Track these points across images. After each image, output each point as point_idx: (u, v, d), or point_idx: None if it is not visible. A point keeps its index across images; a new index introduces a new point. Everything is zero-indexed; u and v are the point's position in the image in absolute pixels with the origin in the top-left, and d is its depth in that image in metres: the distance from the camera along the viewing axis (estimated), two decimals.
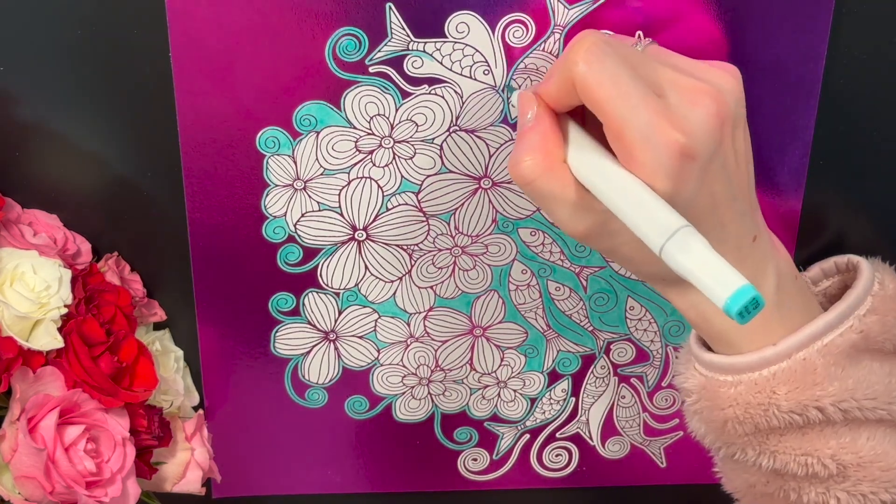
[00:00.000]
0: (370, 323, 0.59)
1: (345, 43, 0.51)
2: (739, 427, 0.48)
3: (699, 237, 0.38)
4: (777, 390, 0.46)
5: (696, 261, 0.38)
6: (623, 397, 0.62)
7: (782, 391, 0.46)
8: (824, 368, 0.46)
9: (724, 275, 0.37)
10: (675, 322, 0.60)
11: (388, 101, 0.53)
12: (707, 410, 0.49)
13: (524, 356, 0.61)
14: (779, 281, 0.47)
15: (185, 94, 0.52)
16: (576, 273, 0.58)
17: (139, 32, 0.51)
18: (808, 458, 0.48)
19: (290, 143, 0.54)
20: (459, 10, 0.50)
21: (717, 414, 0.48)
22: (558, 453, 0.64)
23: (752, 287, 0.37)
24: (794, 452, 0.48)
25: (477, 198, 0.56)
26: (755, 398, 0.47)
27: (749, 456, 0.49)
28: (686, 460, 0.64)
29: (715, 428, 0.49)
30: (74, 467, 0.48)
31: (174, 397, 0.58)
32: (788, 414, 0.47)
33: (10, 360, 0.47)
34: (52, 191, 0.55)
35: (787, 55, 0.52)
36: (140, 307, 0.58)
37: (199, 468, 0.56)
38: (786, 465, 0.48)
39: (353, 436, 0.63)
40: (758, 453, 0.49)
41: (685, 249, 0.38)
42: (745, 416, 0.47)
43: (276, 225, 0.56)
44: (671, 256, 0.38)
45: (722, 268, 0.37)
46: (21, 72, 0.52)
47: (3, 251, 0.50)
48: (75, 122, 0.53)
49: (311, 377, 0.61)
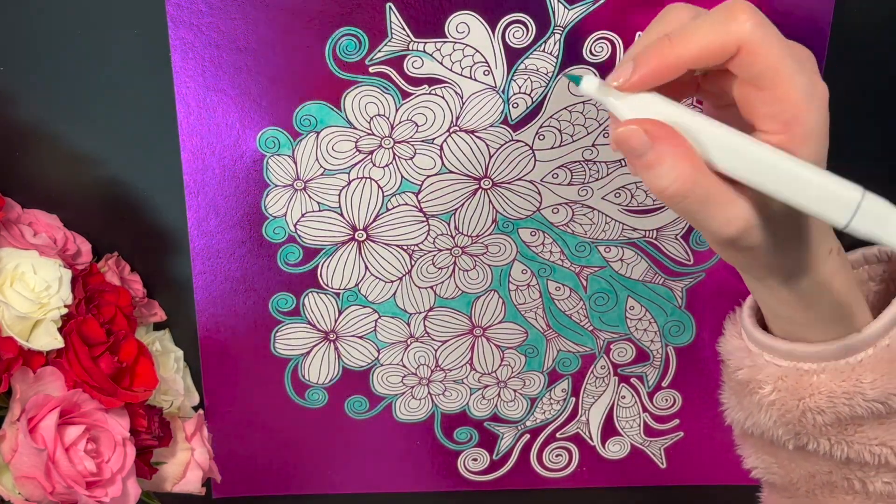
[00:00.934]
0: (370, 323, 0.59)
1: (345, 43, 0.51)
2: (819, 417, 0.46)
3: (877, 200, 0.37)
4: (863, 379, 0.45)
5: (890, 226, 0.37)
6: (623, 397, 0.62)
7: (868, 379, 0.45)
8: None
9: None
10: (674, 322, 0.60)
11: (388, 102, 0.53)
12: (783, 400, 0.47)
13: (524, 356, 0.61)
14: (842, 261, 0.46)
15: (184, 94, 0.52)
16: (576, 273, 0.58)
17: (139, 32, 0.51)
18: (882, 448, 0.47)
19: (290, 143, 0.54)
20: (459, 11, 0.50)
21: (794, 404, 0.47)
22: (558, 453, 0.64)
23: None
24: (871, 442, 0.47)
25: (477, 198, 0.56)
26: (840, 387, 0.45)
27: (822, 446, 0.48)
28: (686, 461, 0.64)
29: (790, 419, 0.47)
30: (75, 467, 0.48)
31: (174, 397, 0.58)
32: (872, 403, 0.45)
33: (10, 360, 0.47)
34: (52, 191, 0.55)
35: None
36: (140, 307, 0.58)
37: (199, 468, 0.56)
38: (859, 455, 0.47)
39: (353, 436, 0.63)
40: (833, 444, 0.47)
41: (874, 217, 0.37)
42: (827, 405, 0.46)
43: (276, 225, 0.56)
44: (863, 229, 0.37)
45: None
46: (21, 72, 0.52)
47: (4, 251, 0.50)
48: (75, 122, 0.54)
49: (311, 377, 0.61)
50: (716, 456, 0.64)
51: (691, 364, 0.61)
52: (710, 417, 0.63)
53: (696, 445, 0.64)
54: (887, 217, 0.37)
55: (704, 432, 0.63)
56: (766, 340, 0.48)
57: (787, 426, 0.48)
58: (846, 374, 0.45)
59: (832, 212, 0.37)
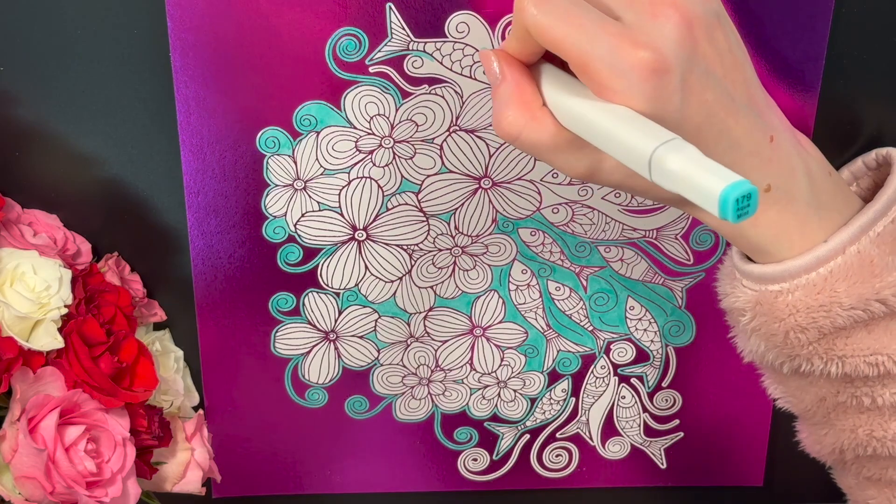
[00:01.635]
0: (370, 323, 0.59)
1: (345, 43, 0.51)
2: (803, 335, 0.46)
3: (686, 147, 0.36)
4: (836, 288, 0.44)
5: (680, 171, 0.35)
6: (623, 397, 0.62)
7: (842, 287, 0.44)
8: (880, 258, 0.44)
9: (712, 176, 0.34)
10: (674, 322, 0.60)
11: (388, 101, 0.53)
12: (765, 325, 0.47)
13: (524, 356, 0.61)
14: (811, 180, 0.45)
15: (185, 94, 0.52)
16: (576, 273, 0.58)
17: (139, 32, 0.51)
18: (877, 357, 0.46)
19: (290, 143, 0.54)
20: (459, 10, 0.50)
21: (776, 326, 0.46)
22: (558, 453, 0.64)
23: (745, 181, 0.34)
24: (863, 353, 0.46)
25: (477, 198, 0.56)
26: (815, 300, 0.45)
27: (816, 366, 0.47)
28: (686, 461, 0.64)
29: (776, 342, 0.47)
30: (75, 467, 0.48)
31: (174, 397, 0.58)
32: (851, 311, 0.45)
33: (10, 361, 0.47)
34: (52, 191, 0.55)
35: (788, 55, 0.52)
36: (140, 307, 0.58)
37: (199, 468, 0.56)
38: (856, 369, 0.46)
39: (353, 436, 0.63)
40: (825, 361, 0.47)
41: (669, 163, 0.36)
42: (807, 321, 0.45)
43: (276, 225, 0.56)
44: (658, 175, 0.36)
45: (709, 169, 0.35)
46: (21, 72, 0.52)
47: (3, 251, 0.50)
48: (75, 122, 0.54)
49: (311, 377, 0.61)
50: (716, 456, 0.64)
51: (691, 364, 0.61)
52: (710, 417, 0.63)
53: (696, 445, 0.64)
54: (684, 172, 0.35)
55: (704, 432, 0.63)
56: (740, 265, 0.47)
57: (776, 350, 0.48)
58: (819, 286, 0.45)
59: (641, 168, 0.37)
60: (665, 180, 0.36)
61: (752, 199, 0.34)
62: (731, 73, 0.43)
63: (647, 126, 0.38)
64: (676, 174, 0.35)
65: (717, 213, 0.34)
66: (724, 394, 0.62)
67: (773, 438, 0.63)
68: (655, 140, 0.37)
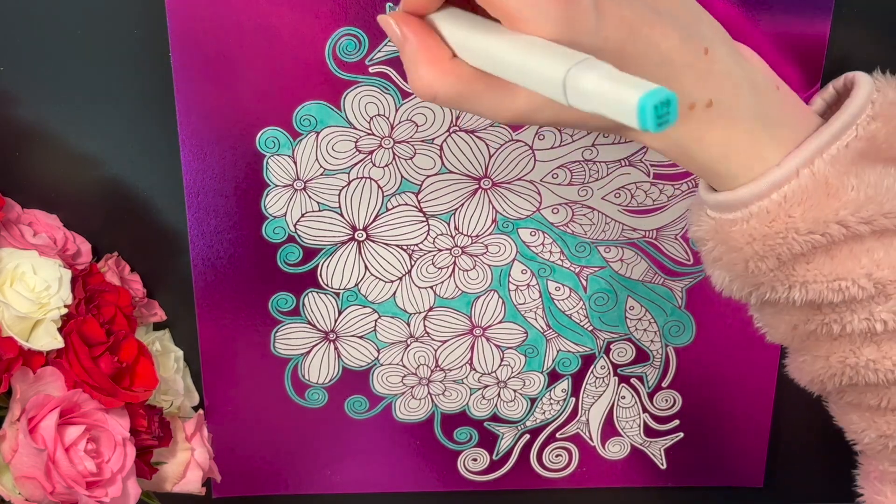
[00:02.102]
0: (370, 323, 0.59)
1: (345, 43, 0.51)
2: (762, 263, 0.45)
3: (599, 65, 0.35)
4: (792, 213, 0.43)
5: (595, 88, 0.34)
6: (623, 397, 0.62)
7: (797, 212, 0.43)
8: (836, 179, 0.43)
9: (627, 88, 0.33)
10: (674, 322, 0.60)
11: (388, 102, 0.53)
12: (725, 255, 0.46)
13: (524, 356, 0.61)
14: (756, 93, 0.43)
15: (185, 94, 0.52)
16: (576, 273, 0.58)
17: (139, 32, 0.51)
18: (840, 283, 0.44)
19: (290, 143, 0.54)
20: None
21: (735, 255, 0.45)
22: (558, 453, 0.64)
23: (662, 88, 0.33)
24: (826, 279, 0.44)
25: (477, 198, 0.56)
26: (771, 227, 0.43)
27: (780, 293, 0.46)
28: (686, 461, 0.64)
29: (738, 272, 0.46)
30: (75, 467, 0.48)
31: (174, 397, 0.58)
32: (808, 236, 0.43)
33: (10, 361, 0.47)
34: (52, 191, 0.55)
35: None
36: (140, 307, 0.58)
37: (199, 468, 0.56)
38: (820, 295, 0.45)
39: (353, 436, 0.63)
40: (787, 287, 0.45)
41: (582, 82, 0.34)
42: (764, 249, 0.44)
43: (276, 225, 0.56)
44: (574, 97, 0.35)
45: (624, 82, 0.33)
46: (21, 72, 0.52)
47: (3, 251, 0.50)
48: (75, 122, 0.54)
49: (311, 377, 0.61)
50: (716, 456, 0.64)
51: (691, 364, 0.61)
52: (710, 417, 0.63)
53: (696, 445, 0.64)
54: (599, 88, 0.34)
55: (704, 432, 0.63)
56: (702, 192, 0.46)
57: (740, 280, 0.47)
58: (773, 213, 0.43)
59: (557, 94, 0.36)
60: (582, 101, 0.35)
61: (672, 105, 0.33)
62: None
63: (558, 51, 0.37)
64: (592, 92, 0.34)
65: (636, 124, 0.33)
66: (724, 394, 0.62)
67: (773, 439, 0.63)
68: (567, 62, 0.35)
